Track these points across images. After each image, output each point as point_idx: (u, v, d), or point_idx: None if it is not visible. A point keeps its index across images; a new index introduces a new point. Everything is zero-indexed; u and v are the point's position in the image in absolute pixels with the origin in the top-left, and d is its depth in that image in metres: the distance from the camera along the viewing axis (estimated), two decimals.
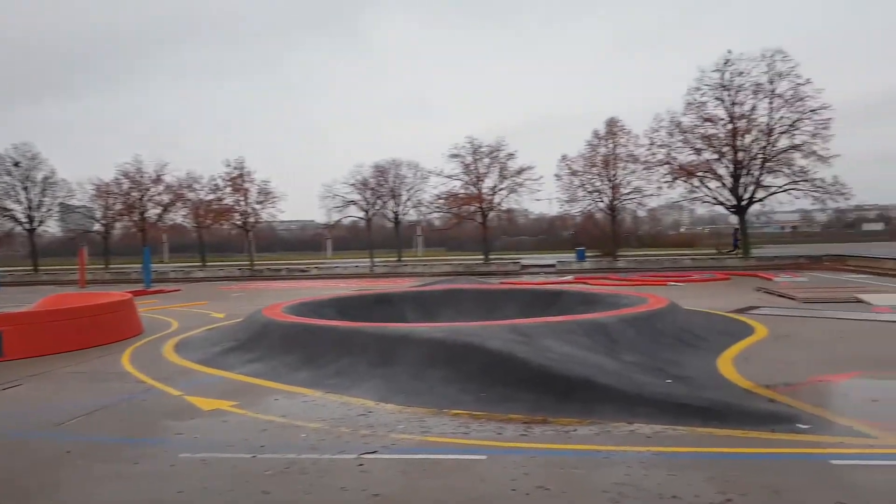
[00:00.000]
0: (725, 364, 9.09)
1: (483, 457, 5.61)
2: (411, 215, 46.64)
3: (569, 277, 28.57)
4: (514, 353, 8.10)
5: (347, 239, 60.29)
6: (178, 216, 47.68)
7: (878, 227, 70.56)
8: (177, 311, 19.31)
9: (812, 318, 13.84)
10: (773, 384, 7.83)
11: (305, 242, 70.96)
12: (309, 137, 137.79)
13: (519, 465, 5.38)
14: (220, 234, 51.51)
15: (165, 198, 45.84)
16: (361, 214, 45.30)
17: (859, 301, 16.49)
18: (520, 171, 39.42)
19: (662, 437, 6.01)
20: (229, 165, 44.09)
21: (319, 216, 48.73)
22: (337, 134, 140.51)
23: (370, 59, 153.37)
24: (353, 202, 44.61)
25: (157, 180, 45.33)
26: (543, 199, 42.64)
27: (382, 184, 44.40)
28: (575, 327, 9.84)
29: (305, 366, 9.46)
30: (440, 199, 41.52)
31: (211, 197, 45.08)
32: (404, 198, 44.75)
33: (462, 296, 15.83)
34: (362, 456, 5.72)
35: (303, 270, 37.21)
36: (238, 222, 44.83)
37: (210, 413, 7.41)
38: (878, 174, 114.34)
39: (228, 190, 44.29)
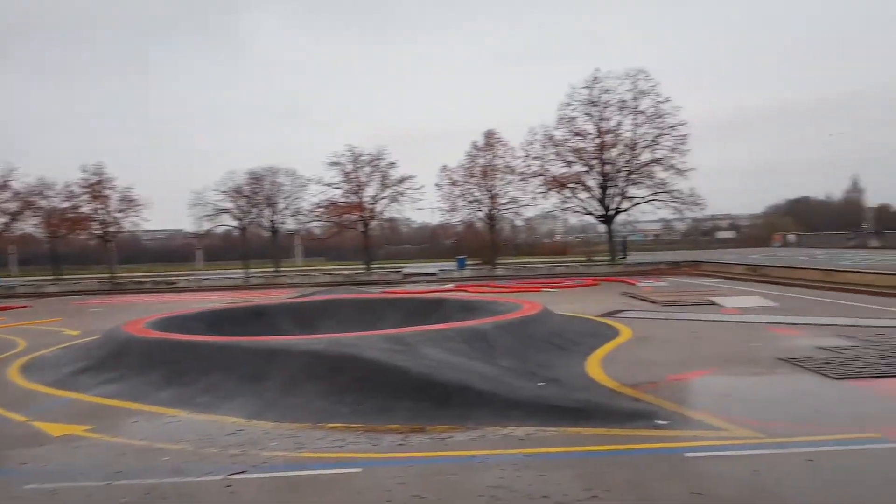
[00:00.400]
0: (593, 366, 9.54)
1: (359, 469, 5.50)
2: (289, 224, 45.37)
3: (450, 285, 28.98)
4: (393, 363, 8.06)
5: (221, 249, 57.58)
6: (29, 225, 43.43)
7: (730, 234, 77.44)
8: (25, 329, 17.56)
9: (671, 320, 14.88)
10: (636, 383, 8.31)
11: (174, 253, 67.01)
12: (177, 143, 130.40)
13: (395, 475, 5.33)
14: (78, 245, 47.49)
15: (13, 206, 41.62)
16: (235, 223, 43.39)
17: (712, 303, 17.97)
18: (401, 181, 39.54)
19: (535, 439, 6.18)
20: (87, 171, 40.81)
21: (189, 225, 45.81)
22: (208, 139, 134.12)
23: (244, 62, 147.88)
24: (226, 210, 42.61)
25: (3, 186, 41.10)
26: (426, 208, 42.69)
27: (258, 191, 42.71)
28: (454, 335, 9.95)
29: (170, 384, 8.89)
30: (320, 207, 40.69)
31: (66, 205, 41.48)
32: (282, 206, 43.41)
33: (342, 306, 15.59)
34: (230, 476, 5.43)
35: (170, 283, 35.12)
36: (97, 232, 41.55)
37: (60, 439, 6.76)
38: (729, 186, 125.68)
39: (86, 197, 40.95)
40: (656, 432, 6.28)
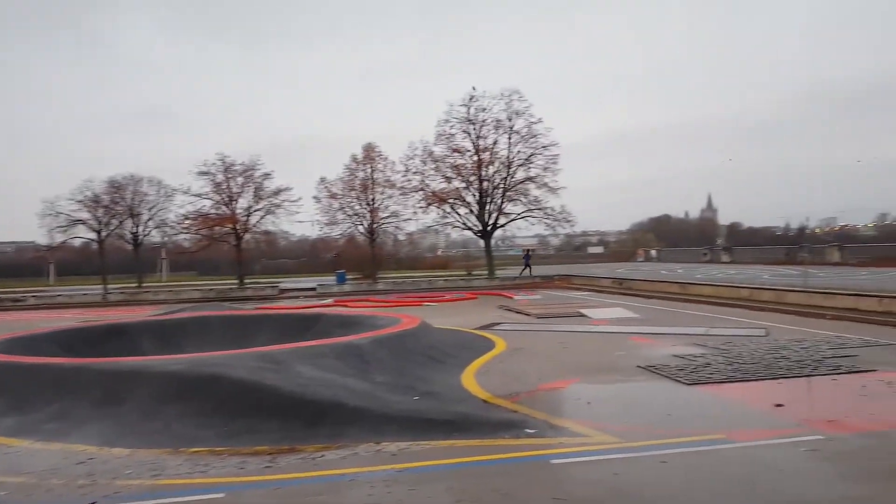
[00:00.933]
0: (468, 378, 9.69)
1: (221, 495, 5.21)
2: (154, 237, 42.63)
3: (329, 300, 28.45)
4: (262, 382, 7.74)
5: (77, 263, 52.89)
6: None
7: (599, 249, 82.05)
8: None
9: (543, 331, 15.46)
10: (508, 394, 8.52)
11: (24, 267, 60.96)
12: (25, 148, 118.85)
13: (261, 498, 5.11)
14: None
15: None
16: (93, 235, 40.04)
17: (581, 315, 18.87)
18: (277, 192, 38.34)
19: (408, 454, 6.15)
20: None
21: (40, 237, 41.74)
22: (61, 146, 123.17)
23: (106, 65, 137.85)
24: (82, 221, 39.18)
25: None
26: (306, 221, 41.50)
27: (118, 201, 39.70)
28: (328, 351, 9.74)
29: (12, 411, 8.07)
30: (188, 219, 38.48)
31: None
32: (145, 217, 40.71)
33: (210, 324, 14.80)
34: None
35: (17, 300, 31.87)
36: None
37: None
38: (599, 203, 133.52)
39: None
40: (525, 441, 6.45)
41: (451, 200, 37.20)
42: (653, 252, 65.67)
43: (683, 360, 10.65)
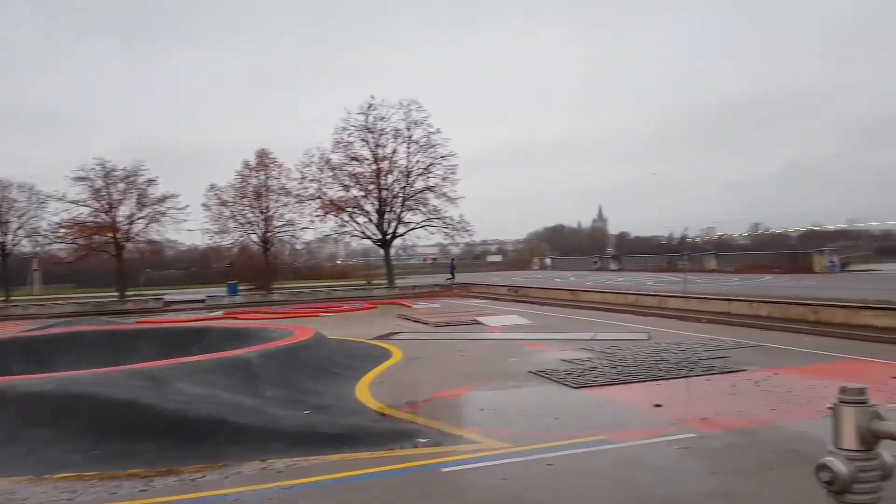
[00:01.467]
0: (362, 389, 9.54)
1: None
2: (26, 246, 39.34)
3: (218, 313, 27.30)
4: (138, 401, 7.27)
5: None
6: None
7: (498, 258, 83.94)
8: None
9: (441, 340, 15.54)
10: (402, 404, 8.46)
11: None
12: None
13: None
14: None
15: None
16: None
17: (478, 323, 19.14)
18: (162, 199, 36.39)
19: (295, 470, 5.95)
20: None
21: None
22: None
23: None
24: None
25: None
26: (195, 229, 39.41)
27: None
28: (213, 366, 9.30)
29: None
30: (63, 227, 35.66)
31: None
32: (14, 226, 37.52)
33: (85, 339, 13.77)
34: None
35: None
36: None
37: None
38: (498, 213, 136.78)
39: None
40: (417, 451, 6.41)
41: (349, 209, 36.79)
42: (547, 260, 67.87)
43: (572, 364, 11.01)
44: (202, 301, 31.96)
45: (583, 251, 71.50)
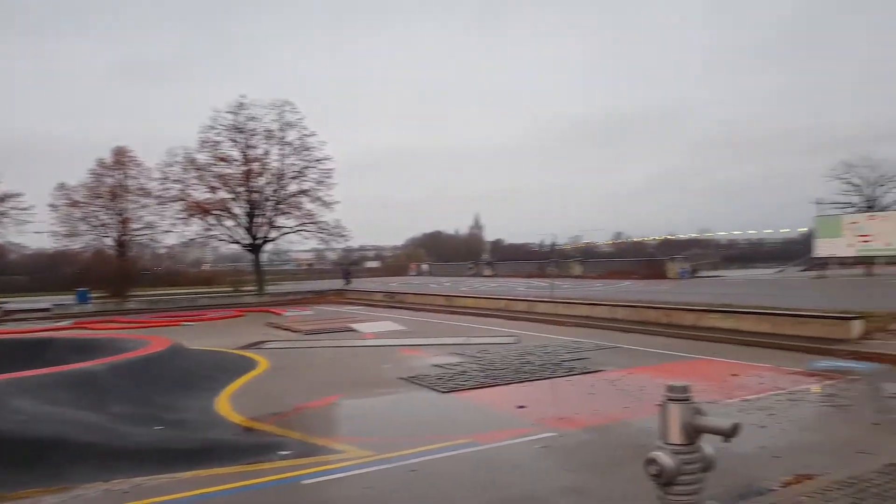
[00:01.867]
0: (223, 402, 9.07)
1: None
2: None
3: (67, 322, 25.00)
4: None
5: None
6: None
7: (376, 264, 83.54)
8: None
9: (312, 348, 15.14)
10: (265, 416, 8.13)
11: None
12: None
13: None
14: None
15: None
16: None
17: (351, 329, 18.88)
18: (3, 199, 32.97)
19: (143, 490, 5.52)
20: None
21: None
22: None
23: None
24: None
25: None
26: (41, 231, 35.79)
27: None
28: (56, 381, 8.46)
29: None
30: None
31: None
32: None
33: None
34: None
35: None
36: None
37: None
38: (376, 218, 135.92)
39: None
40: (278, 464, 6.16)
41: (215, 212, 35.02)
42: (424, 266, 68.58)
43: (442, 369, 11.12)
44: (47, 310, 29.09)
45: (460, 257, 72.87)
